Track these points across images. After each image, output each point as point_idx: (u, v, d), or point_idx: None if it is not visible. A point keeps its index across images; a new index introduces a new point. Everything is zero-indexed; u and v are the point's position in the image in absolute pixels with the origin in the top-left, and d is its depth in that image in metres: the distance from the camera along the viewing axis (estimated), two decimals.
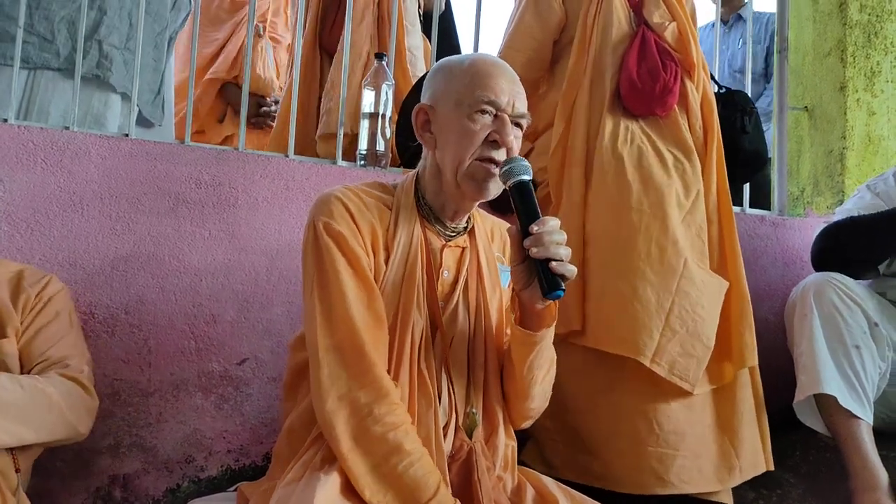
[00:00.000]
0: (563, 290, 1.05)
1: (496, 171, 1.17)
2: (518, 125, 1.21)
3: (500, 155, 1.18)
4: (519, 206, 1.12)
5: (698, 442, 1.69)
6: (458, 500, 1.07)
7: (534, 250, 1.06)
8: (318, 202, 1.18)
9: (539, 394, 1.28)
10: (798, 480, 1.91)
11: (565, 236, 1.09)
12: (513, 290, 1.18)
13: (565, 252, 1.07)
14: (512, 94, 1.20)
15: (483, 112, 1.17)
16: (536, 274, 1.07)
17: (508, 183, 1.14)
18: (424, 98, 1.26)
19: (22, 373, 1.32)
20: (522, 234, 1.09)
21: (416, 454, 1.06)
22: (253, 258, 1.80)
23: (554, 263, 1.05)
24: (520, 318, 1.18)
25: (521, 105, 1.22)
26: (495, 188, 1.20)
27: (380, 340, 1.13)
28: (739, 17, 3.33)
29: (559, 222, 1.09)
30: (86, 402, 1.34)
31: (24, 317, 1.35)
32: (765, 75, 3.28)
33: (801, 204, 2.67)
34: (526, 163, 1.15)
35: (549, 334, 1.20)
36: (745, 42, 3.33)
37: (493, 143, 1.18)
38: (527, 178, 1.13)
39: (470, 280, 1.27)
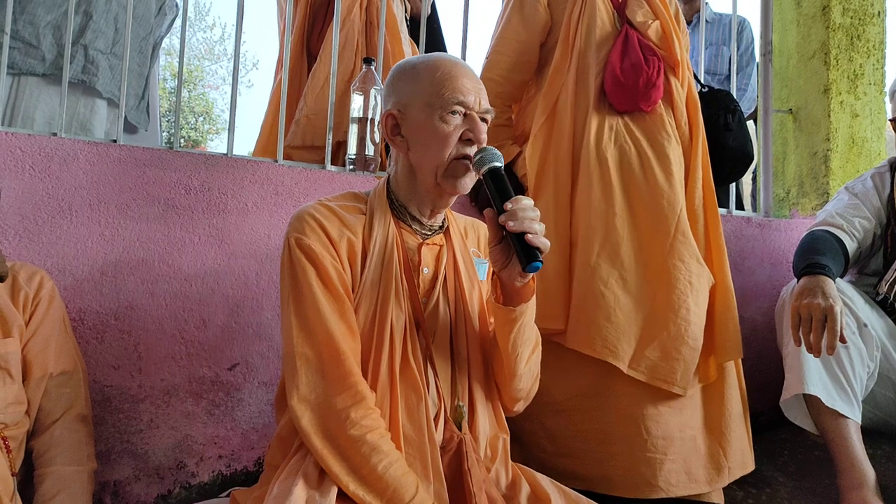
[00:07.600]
0: (541, 262, 1.10)
1: (471, 165, 1.23)
2: (484, 120, 1.25)
3: (473, 151, 1.23)
4: (493, 189, 1.16)
5: (687, 445, 1.69)
6: (435, 502, 1.10)
7: (510, 224, 1.10)
8: (292, 219, 1.23)
9: (526, 373, 1.31)
10: (786, 479, 1.92)
11: (539, 213, 1.13)
12: (493, 272, 1.22)
13: (540, 227, 1.11)
14: (477, 91, 1.25)
15: (454, 113, 1.22)
16: (514, 249, 1.11)
17: (482, 171, 1.19)
18: (388, 103, 1.29)
19: (25, 376, 1.37)
20: (498, 213, 1.14)
21: (393, 455, 1.09)
22: (243, 262, 1.80)
23: (529, 236, 1.09)
24: (500, 297, 1.22)
25: (486, 101, 1.26)
26: (470, 182, 1.25)
27: (354, 350, 1.16)
28: (704, 20, 3.30)
29: (532, 202, 1.14)
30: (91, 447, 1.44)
31: (25, 316, 1.37)
32: (728, 77, 3.21)
33: (786, 205, 2.70)
34: (496, 150, 1.20)
35: (528, 309, 1.24)
36: (711, 44, 3.36)
37: (467, 141, 1.23)
38: (498, 164, 1.19)
39: (448, 276, 1.31)
